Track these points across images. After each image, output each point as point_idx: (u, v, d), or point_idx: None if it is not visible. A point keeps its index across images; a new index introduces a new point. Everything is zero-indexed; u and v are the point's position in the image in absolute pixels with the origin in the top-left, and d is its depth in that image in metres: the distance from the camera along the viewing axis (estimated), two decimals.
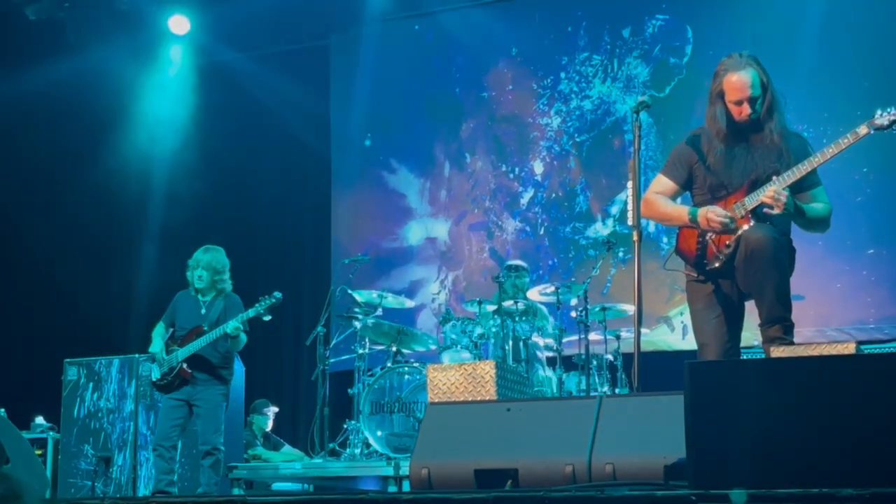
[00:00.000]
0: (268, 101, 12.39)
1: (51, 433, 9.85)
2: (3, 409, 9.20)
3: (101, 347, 9.40)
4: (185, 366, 7.49)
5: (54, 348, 10.47)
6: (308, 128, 12.39)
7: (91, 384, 9.08)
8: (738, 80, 5.01)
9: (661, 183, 5.34)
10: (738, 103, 5.03)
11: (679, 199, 5.45)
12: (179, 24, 12.13)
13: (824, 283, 9.71)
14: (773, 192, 4.86)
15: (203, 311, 7.71)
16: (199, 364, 7.53)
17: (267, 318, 7.70)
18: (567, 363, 8.84)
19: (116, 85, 12.14)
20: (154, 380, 7.67)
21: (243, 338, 7.65)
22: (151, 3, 11.77)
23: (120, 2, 11.61)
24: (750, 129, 5.08)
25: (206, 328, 7.54)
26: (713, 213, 5.02)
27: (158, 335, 7.78)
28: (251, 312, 7.55)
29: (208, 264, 7.80)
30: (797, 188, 4.97)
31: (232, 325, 7.41)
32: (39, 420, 10.10)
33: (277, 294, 7.64)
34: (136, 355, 8.82)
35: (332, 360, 9.11)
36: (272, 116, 12.43)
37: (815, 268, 9.29)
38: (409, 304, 9.71)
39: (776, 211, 4.88)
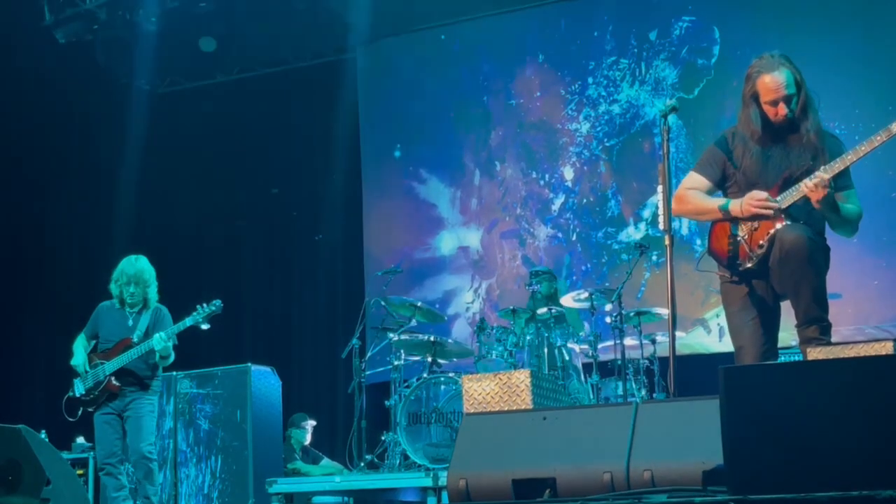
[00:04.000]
0: (296, 116, 12.45)
1: (91, 453, 9.88)
2: (44, 431, 9.24)
3: None
4: (113, 379, 7.27)
5: None
6: (337, 140, 12.44)
7: None
8: (773, 81, 4.96)
9: (694, 179, 5.31)
10: (774, 104, 4.99)
11: None
12: (206, 42, 12.19)
13: (861, 280, 9.62)
14: (818, 179, 4.80)
15: (130, 322, 7.45)
16: (127, 377, 7.30)
17: (205, 326, 7.41)
18: (603, 369, 8.81)
19: (145, 105, 12.23)
20: (78, 395, 7.40)
21: (171, 353, 7.39)
22: (180, 23, 11.84)
23: (148, 22, 11.69)
24: (786, 130, 5.04)
25: (135, 340, 7.29)
26: (750, 198, 4.98)
27: (81, 347, 7.52)
28: (188, 321, 7.30)
29: (139, 278, 7.45)
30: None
31: (158, 342, 7.15)
32: (80, 440, 10.15)
33: (217, 302, 7.39)
34: (174, 373, 8.82)
35: (368, 373, 9.11)
36: (301, 130, 12.49)
37: (851, 265, 9.22)
38: (443, 316, 9.71)
39: (817, 197, 4.81)
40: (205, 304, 7.41)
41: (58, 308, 12.44)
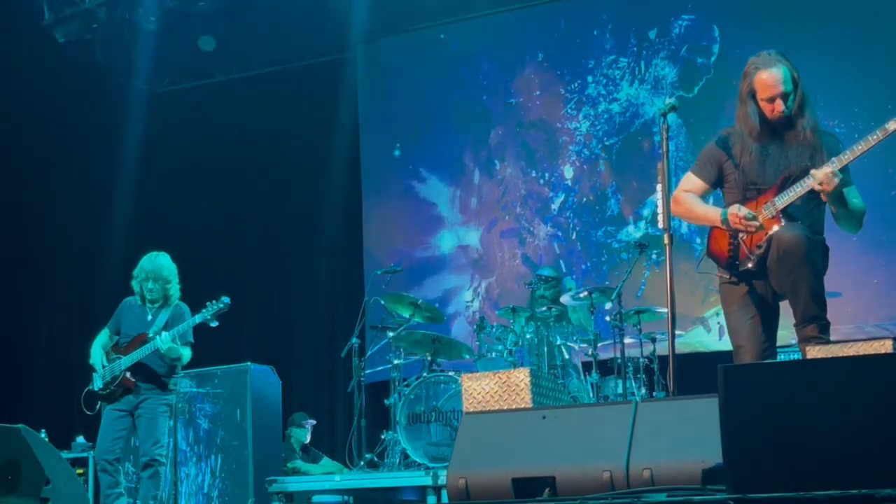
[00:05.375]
0: (295, 115, 12.43)
1: (91, 452, 9.88)
2: (43, 430, 9.24)
3: None
4: (128, 374, 7.27)
5: None
6: (336, 140, 12.43)
7: None
8: (770, 77, 4.99)
9: (691, 181, 5.33)
10: (771, 100, 5.01)
11: (711, 199, 5.43)
12: (206, 41, 12.18)
13: (861, 279, 9.61)
14: (825, 175, 4.80)
15: (149, 317, 7.47)
16: (142, 373, 7.31)
17: (214, 324, 7.42)
18: (603, 367, 8.81)
19: (144, 105, 12.22)
20: (96, 389, 7.40)
21: (185, 352, 7.38)
22: (179, 22, 11.83)
23: (147, 22, 11.68)
24: (783, 127, 5.06)
25: (150, 336, 7.31)
26: (739, 211, 5.00)
27: (100, 343, 7.54)
28: (197, 319, 7.33)
29: (157, 274, 7.49)
30: None
31: (164, 343, 7.17)
32: (80, 440, 10.16)
33: (225, 299, 7.42)
34: None
35: (367, 371, 9.10)
36: (300, 130, 12.47)
37: (851, 264, 9.21)
38: (443, 316, 9.67)
39: (827, 189, 4.81)
40: (213, 302, 7.43)
41: (58, 307, 12.45)
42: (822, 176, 4.82)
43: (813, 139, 5.02)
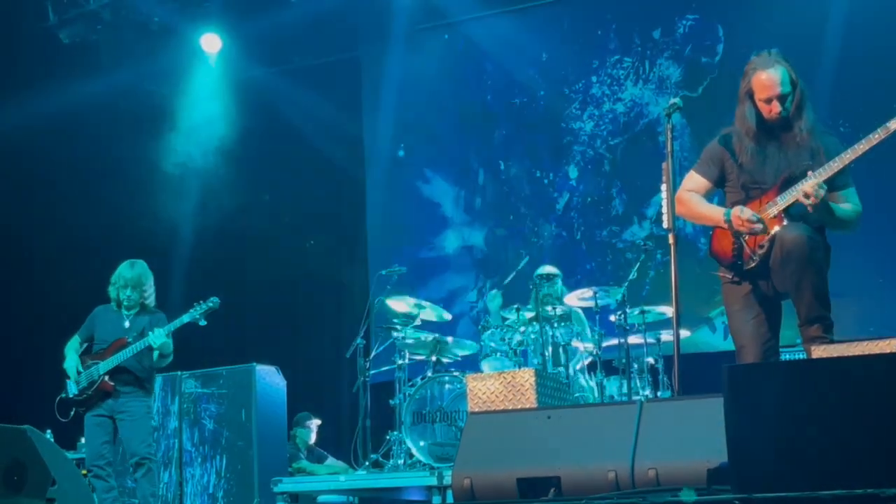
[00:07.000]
0: (300, 115, 12.44)
1: None
2: (49, 431, 9.26)
3: None
4: (106, 378, 7.31)
5: None
6: (341, 140, 12.43)
7: None
8: (768, 78, 5.00)
9: (694, 180, 5.33)
10: (768, 101, 5.02)
11: (716, 199, 5.43)
12: (211, 42, 12.19)
13: (866, 278, 9.59)
14: (811, 188, 4.82)
15: (126, 324, 7.51)
16: (122, 377, 7.35)
17: (203, 323, 7.47)
18: (608, 367, 8.80)
19: (148, 105, 12.22)
20: (71, 396, 7.42)
21: (171, 352, 7.45)
22: (183, 23, 11.85)
23: (152, 22, 11.70)
24: (780, 128, 5.06)
25: (129, 340, 7.34)
26: (742, 213, 5.00)
27: (73, 350, 7.56)
28: (185, 318, 7.38)
29: (137, 282, 7.53)
30: (828, 188, 4.93)
31: (156, 339, 7.22)
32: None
33: (215, 299, 7.48)
34: (179, 372, 8.84)
35: (372, 372, 9.10)
36: (305, 130, 12.47)
37: (855, 263, 9.18)
38: (447, 316, 9.66)
39: (811, 202, 4.83)
40: (202, 301, 7.50)
41: (62, 307, 12.41)
42: (808, 188, 4.83)
43: (810, 140, 5.02)
